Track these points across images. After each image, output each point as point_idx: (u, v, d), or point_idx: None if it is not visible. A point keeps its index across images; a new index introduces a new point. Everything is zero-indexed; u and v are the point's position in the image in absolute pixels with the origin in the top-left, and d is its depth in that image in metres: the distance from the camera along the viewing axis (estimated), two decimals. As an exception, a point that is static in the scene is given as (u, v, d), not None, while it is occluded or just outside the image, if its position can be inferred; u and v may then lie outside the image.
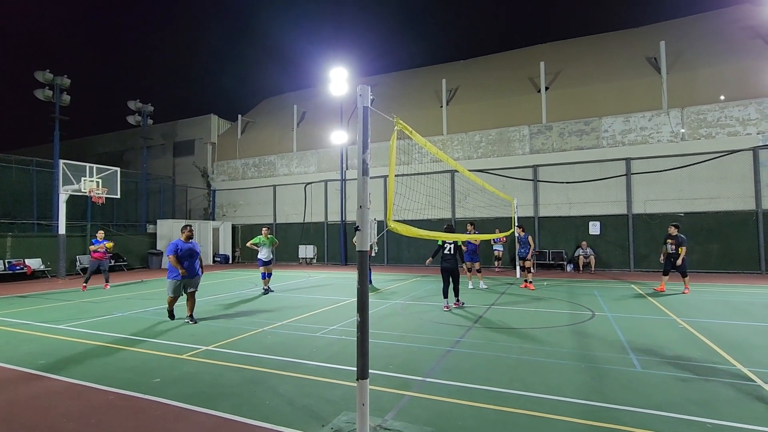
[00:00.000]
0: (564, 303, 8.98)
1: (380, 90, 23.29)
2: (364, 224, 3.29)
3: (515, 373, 4.58)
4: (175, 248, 7.20)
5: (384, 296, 10.27)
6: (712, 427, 3.26)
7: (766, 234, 13.95)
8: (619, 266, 15.75)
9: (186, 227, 7.53)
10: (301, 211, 21.97)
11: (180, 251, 7.19)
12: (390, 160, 3.88)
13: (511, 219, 14.52)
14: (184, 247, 7.25)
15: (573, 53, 19.54)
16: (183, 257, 7.19)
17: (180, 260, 7.15)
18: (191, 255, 7.29)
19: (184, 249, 7.24)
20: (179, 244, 7.28)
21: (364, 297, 3.23)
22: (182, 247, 7.25)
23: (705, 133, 15.04)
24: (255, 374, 4.65)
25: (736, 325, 6.68)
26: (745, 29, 16.33)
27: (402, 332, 6.53)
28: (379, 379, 4.38)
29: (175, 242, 7.29)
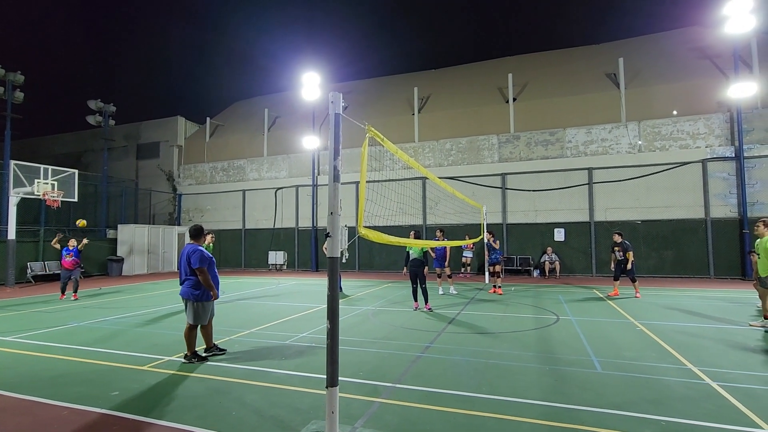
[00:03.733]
0: (530, 308, 9.24)
1: (353, 96, 23.35)
2: (335, 231, 3.29)
3: (483, 377, 4.66)
4: (208, 258, 5.42)
5: (355, 303, 10.24)
6: (666, 425, 3.44)
7: (714, 241, 14.89)
8: (582, 271, 16.36)
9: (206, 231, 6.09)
10: (272, 217, 21.61)
11: (208, 263, 5.41)
12: (361, 167, 3.90)
13: (480, 225, 14.83)
14: (209, 257, 5.50)
15: (539, 66, 20.31)
16: (209, 272, 5.44)
17: None
18: (211, 266, 5.56)
19: (209, 258, 5.48)
20: (206, 252, 5.49)
21: (335, 304, 3.22)
22: (209, 256, 5.51)
23: (659, 146, 15.96)
24: (221, 384, 4.52)
25: (687, 327, 7.08)
26: (694, 50, 17.51)
27: (373, 338, 6.52)
28: (349, 386, 4.36)
29: (200, 248, 5.41)
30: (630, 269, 10.34)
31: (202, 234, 5.65)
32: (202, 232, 5.67)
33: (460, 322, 7.75)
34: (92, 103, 21.43)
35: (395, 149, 4.78)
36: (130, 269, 19.52)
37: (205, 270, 5.30)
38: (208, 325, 5.59)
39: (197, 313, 5.36)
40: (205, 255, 5.39)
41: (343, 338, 6.44)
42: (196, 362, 5.27)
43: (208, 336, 5.62)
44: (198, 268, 5.27)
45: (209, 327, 5.62)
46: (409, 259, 8.98)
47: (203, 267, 5.29)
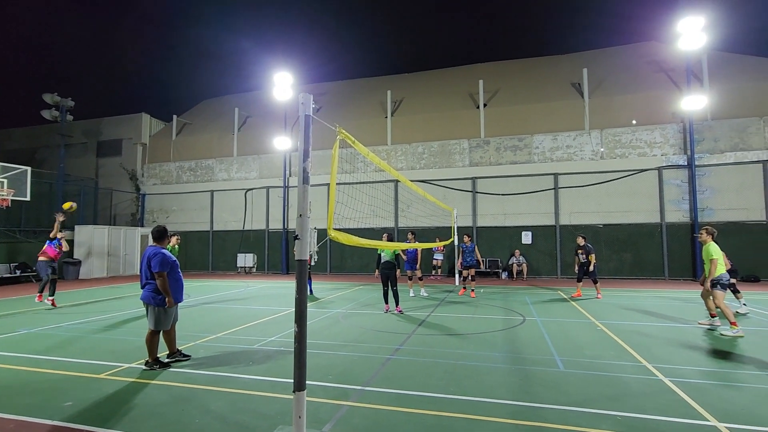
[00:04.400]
0: (498, 309, 9.46)
1: (327, 98, 23.22)
2: (303, 233, 3.26)
3: (452, 377, 4.73)
4: (170, 262, 5.19)
5: (325, 305, 10.15)
6: (622, 419, 3.60)
7: (669, 244, 15.73)
8: (548, 273, 16.90)
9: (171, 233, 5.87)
10: (241, 218, 21.13)
11: (170, 266, 5.20)
12: (332, 169, 3.89)
13: (450, 228, 15.06)
14: (173, 260, 5.28)
15: (509, 74, 20.88)
16: (172, 275, 5.23)
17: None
18: (174, 269, 5.31)
19: (173, 262, 5.27)
20: (169, 255, 5.26)
21: (303, 307, 3.18)
22: (173, 259, 5.28)
23: (620, 153, 16.73)
24: (184, 391, 4.37)
25: (643, 326, 7.44)
26: (651, 64, 18.49)
27: (342, 341, 6.49)
28: (317, 391, 4.32)
29: (163, 251, 5.17)
30: (592, 271, 10.76)
31: (165, 236, 5.40)
32: (166, 234, 5.42)
33: (431, 323, 7.84)
34: (48, 97, 20.27)
35: (366, 152, 4.79)
36: (88, 272, 18.57)
37: (165, 275, 5.06)
38: (171, 330, 5.39)
39: (159, 319, 5.14)
40: (168, 258, 5.16)
41: (312, 341, 6.37)
42: (158, 369, 5.07)
43: (171, 341, 5.41)
44: (158, 273, 5.03)
45: (172, 332, 5.42)
46: (380, 261, 9.01)
47: (163, 271, 5.05)
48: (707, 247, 7.05)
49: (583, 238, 11.06)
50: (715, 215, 15.19)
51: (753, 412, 3.74)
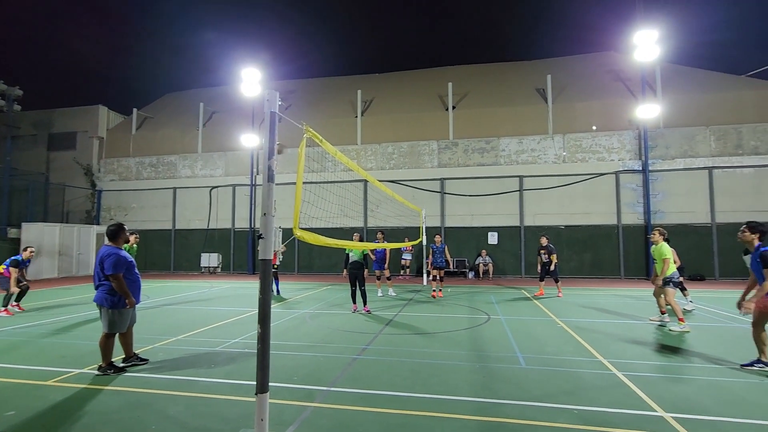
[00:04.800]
0: (465, 308, 9.64)
1: (297, 95, 22.90)
2: (268, 232, 3.20)
3: (417, 376, 4.78)
4: (125, 263, 4.95)
5: (292, 306, 10.01)
6: (578, 413, 3.76)
7: (624, 245, 16.56)
8: (512, 273, 17.38)
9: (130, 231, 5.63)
10: (205, 217, 20.47)
11: (125, 267, 4.94)
12: (298, 168, 3.84)
13: (419, 229, 15.21)
14: (128, 260, 5.04)
15: (477, 78, 21.31)
16: (128, 276, 4.97)
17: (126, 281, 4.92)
18: (130, 270, 5.08)
19: (128, 262, 5.02)
20: (123, 255, 4.99)
21: (266, 307, 3.12)
22: (128, 259, 5.04)
23: (581, 157, 17.46)
24: (140, 397, 4.18)
25: (600, 323, 7.79)
26: (610, 73, 19.40)
27: (309, 342, 6.42)
28: (282, 392, 4.25)
29: (117, 251, 4.91)
30: (554, 270, 11.15)
31: (120, 234, 5.07)
32: (121, 232, 5.09)
33: (398, 323, 7.88)
34: (-7, 85, 18.90)
35: (334, 151, 4.76)
36: (36, 273, 17.42)
37: (120, 277, 4.79)
38: (128, 332, 5.15)
39: (113, 321, 4.87)
40: (122, 259, 4.89)
41: (278, 343, 6.27)
42: (113, 374, 4.83)
43: (127, 345, 5.17)
44: (112, 276, 4.75)
45: (129, 335, 5.18)
46: (348, 261, 8.98)
47: (117, 273, 4.77)
48: (660, 247, 7.47)
49: (546, 239, 11.43)
50: (666, 218, 16.12)
51: (696, 402, 3.99)
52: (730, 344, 6.15)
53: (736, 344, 6.10)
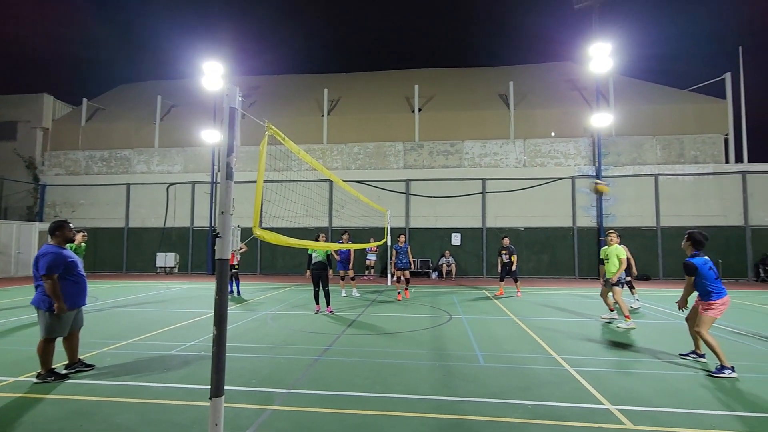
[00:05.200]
0: (427, 308, 9.77)
1: (261, 92, 22.39)
2: (225, 231, 3.11)
3: (378, 376, 4.79)
4: (63, 263, 4.55)
5: (253, 307, 9.77)
6: (532, 408, 3.90)
7: (579, 247, 17.37)
8: (474, 273, 17.81)
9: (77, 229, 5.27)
10: (162, 215, 19.59)
11: (64, 267, 4.56)
12: (259, 166, 3.75)
13: (384, 229, 15.28)
14: (69, 260, 4.64)
15: (443, 81, 21.69)
16: (68, 277, 4.60)
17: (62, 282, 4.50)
18: (71, 271, 4.67)
19: (69, 262, 4.63)
20: (63, 254, 4.60)
21: (222, 308, 3.03)
22: (69, 259, 4.64)
23: (540, 162, 18.16)
24: (84, 405, 3.94)
25: (555, 321, 8.13)
26: (568, 82, 20.32)
27: (269, 344, 6.29)
28: (239, 396, 4.13)
29: (55, 250, 4.55)
30: (514, 271, 11.53)
31: (60, 231, 4.69)
32: (61, 229, 4.70)
33: (361, 323, 7.87)
34: None
35: (297, 149, 4.69)
36: (-31, 273, 16.04)
37: (54, 278, 4.42)
38: (73, 337, 4.83)
39: (51, 325, 4.52)
40: (59, 258, 4.52)
41: (236, 345, 6.10)
42: (53, 381, 4.52)
43: (71, 350, 4.85)
44: (45, 276, 4.37)
45: (74, 339, 4.86)
46: (311, 261, 8.86)
47: (52, 274, 4.40)
48: (614, 248, 7.93)
49: (508, 240, 11.81)
50: (617, 221, 17.07)
51: (640, 394, 4.25)
52: (670, 339, 6.59)
53: (676, 339, 6.54)
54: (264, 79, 24.31)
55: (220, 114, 19.68)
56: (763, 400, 4.10)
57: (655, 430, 3.45)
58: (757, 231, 16.40)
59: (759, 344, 6.31)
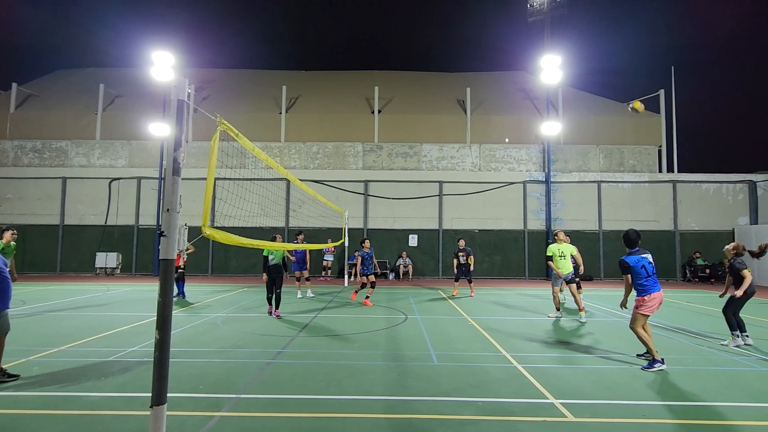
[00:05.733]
0: (383, 308, 9.81)
1: (216, 86, 21.56)
2: (171, 230, 2.95)
3: (332, 378, 4.74)
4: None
5: (203, 309, 9.35)
6: (482, 405, 4.01)
7: (529, 248, 18.17)
8: (431, 274, 18.12)
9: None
10: (103, 212, 18.29)
11: None
12: (210, 162, 3.59)
13: (342, 230, 15.18)
14: None
15: (403, 84, 21.94)
16: None
17: None
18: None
19: None
20: None
21: (166, 311, 2.86)
22: None
23: (494, 167, 18.82)
24: (5, 419, 3.58)
25: (506, 320, 8.44)
26: (521, 91, 21.23)
27: (219, 348, 6.04)
28: (185, 403, 3.93)
29: None
30: (470, 271, 11.87)
31: None
32: None
33: (316, 325, 7.76)
34: None
35: (252, 146, 4.54)
36: None
37: None
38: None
39: None
40: None
41: (182, 349, 5.82)
42: None
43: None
44: None
45: None
46: (267, 263, 8.56)
47: None
48: (567, 246, 8.45)
49: (464, 242, 12.16)
50: (564, 224, 18.02)
51: (581, 388, 4.50)
52: (609, 336, 7.04)
53: (614, 335, 7.00)
54: (219, 72, 23.42)
55: (170, 106, 18.72)
56: (689, 390, 4.47)
57: (594, 421, 3.66)
58: (685, 235, 17.94)
59: (685, 338, 6.89)
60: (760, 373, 5.08)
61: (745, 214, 18.05)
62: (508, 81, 22.55)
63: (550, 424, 3.59)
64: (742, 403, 4.14)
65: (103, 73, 22.38)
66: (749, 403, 4.12)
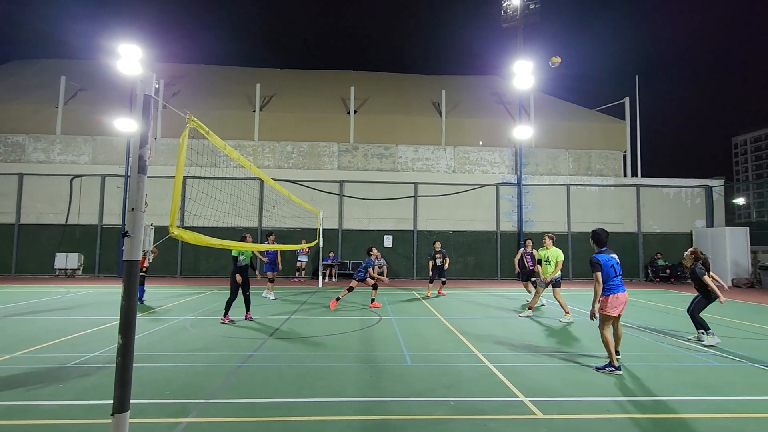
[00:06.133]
0: (357, 310, 9.77)
1: (187, 81, 20.95)
2: (136, 230, 2.83)
3: (304, 380, 4.67)
4: None
5: (171, 312, 9.05)
6: (454, 404, 4.05)
7: (502, 249, 18.54)
8: (405, 274, 18.20)
9: None
10: (63, 210, 17.44)
11: None
12: (178, 160, 3.47)
13: (316, 230, 15.05)
14: None
15: (379, 85, 21.98)
16: None
17: None
18: None
19: None
20: None
21: (130, 314, 2.75)
22: None
23: (468, 169, 19.12)
24: (-49, 432, 3.35)
25: (479, 320, 8.57)
26: (494, 95, 21.67)
27: (188, 351, 5.85)
28: (150, 409, 3.78)
29: None
30: (443, 272, 12.02)
31: None
32: None
33: (289, 327, 7.65)
34: None
35: (223, 144, 4.43)
36: None
37: None
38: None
39: None
40: None
41: (150, 354, 5.61)
42: None
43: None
44: None
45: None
46: (237, 264, 8.31)
47: None
48: (553, 251, 8.59)
49: (440, 243, 12.34)
50: (535, 226, 18.51)
51: (550, 385, 4.61)
52: (578, 334, 7.26)
53: (583, 334, 7.23)
54: (190, 68, 22.78)
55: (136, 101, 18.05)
56: (650, 385, 4.67)
57: (562, 418, 3.76)
58: (647, 237, 18.77)
59: (646, 336, 7.20)
60: (713, 368, 5.37)
61: (702, 217, 19.06)
62: (482, 85, 22.97)
63: (519, 422, 3.66)
64: (698, 396, 4.35)
65: (65, 64, 21.35)
66: (705, 397, 4.34)
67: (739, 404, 4.15)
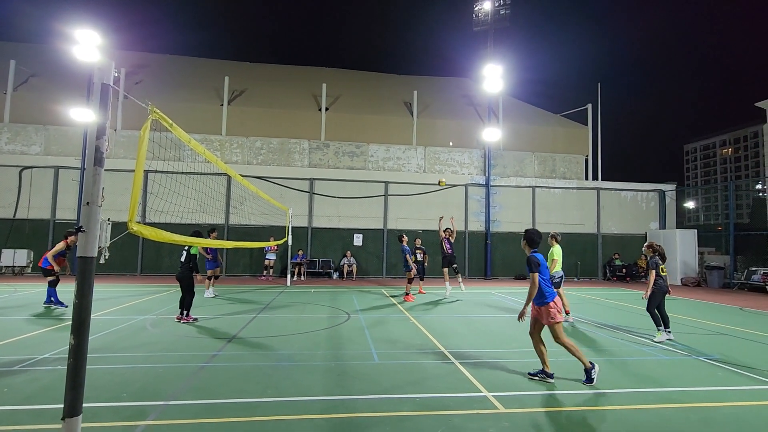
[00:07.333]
0: (326, 308, 9.72)
1: (151, 71, 20.09)
2: (91, 225, 2.71)
3: (270, 380, 4.61)
4: None
5: (130, 312, 8.67)
6: (420, 400, 4.11)
7: (470, 249, 18.89)
8: (375, 273, 18.23)
9: None
10: (11, 203, 16.34)
11: None
12: (139, 153, 3.35)
13: (285, 228, 14.81)
14: None
15: (351, 83, 21.88)
16: None
17: None
18: None
19: None
20: None
21: (83, 314, 2.63)
22: None
23: (438, 169, 19.37)
24: None
25: (445, 318, 8.72)
26: (464, 97, 22.05)
27: (147, 352, 5.64)
28: (105, 413, 3.62)
29: None
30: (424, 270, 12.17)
31: None
32: None
33: (255, 326, 7.51)
34: None
35: (187, 138, 4.30)
36: None
37: None
38: None
39: None
40: None
41: (106, 355, 5.37)
42: None
43: None
44: None
45: None
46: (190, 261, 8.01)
47: None
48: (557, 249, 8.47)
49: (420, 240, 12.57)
50: (501, 226, 19.00)
51: (512, 381, 4.76)
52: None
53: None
54: (155, 57, 21.87)
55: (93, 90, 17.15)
56: (609, 379, 4.90)
57: (523, 411, 3.90)
58: (606, 238, 19.66)
59: (603, 332, 7.55)
60: (661, 362, 5.71)
61: (656, 219, 20.16)
62: (453, 87, 23.32)
63: (482, 416, 3.76)
64: (645, 389, 4.61)
65: (14, 48, 19.99)
66: (652, 389, 4.61)
67: (684, 394, 4.44)
